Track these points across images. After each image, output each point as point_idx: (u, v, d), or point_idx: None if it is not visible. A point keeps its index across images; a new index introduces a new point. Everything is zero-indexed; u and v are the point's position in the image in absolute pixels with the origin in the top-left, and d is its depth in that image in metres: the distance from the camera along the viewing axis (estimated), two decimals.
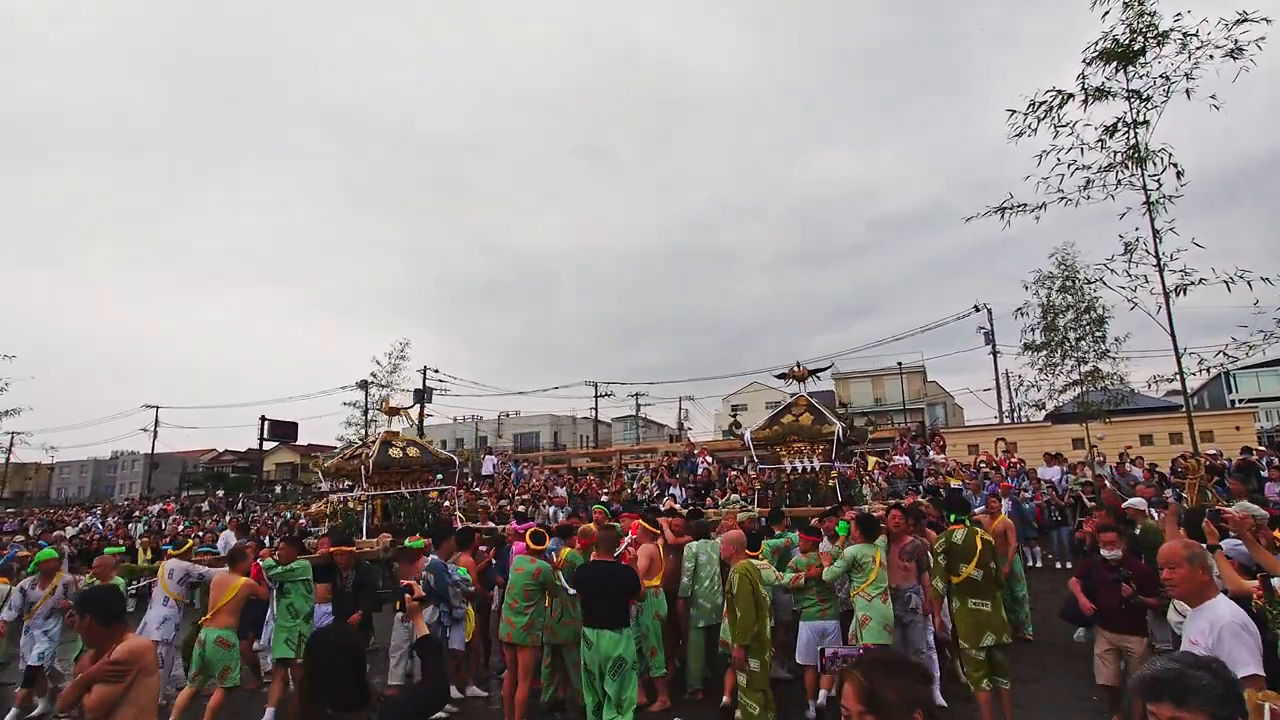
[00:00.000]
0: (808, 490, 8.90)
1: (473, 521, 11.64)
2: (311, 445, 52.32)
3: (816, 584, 6.53)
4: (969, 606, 5.83)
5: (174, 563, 7.86)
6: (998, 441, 19.84)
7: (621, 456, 32.83)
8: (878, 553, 6.30)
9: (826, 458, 8.84)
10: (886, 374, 46.67)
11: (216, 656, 6.50)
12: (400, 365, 28.89)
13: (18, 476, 48.69)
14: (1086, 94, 8.54)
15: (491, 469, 25.68)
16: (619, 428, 55.83)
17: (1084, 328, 14.12)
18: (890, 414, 44.92)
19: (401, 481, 9.41)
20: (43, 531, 22.00)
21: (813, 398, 9.83)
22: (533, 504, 19.27)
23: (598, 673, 5.56)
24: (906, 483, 16.33)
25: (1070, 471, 15.05)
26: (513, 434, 54.89)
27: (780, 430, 9.22)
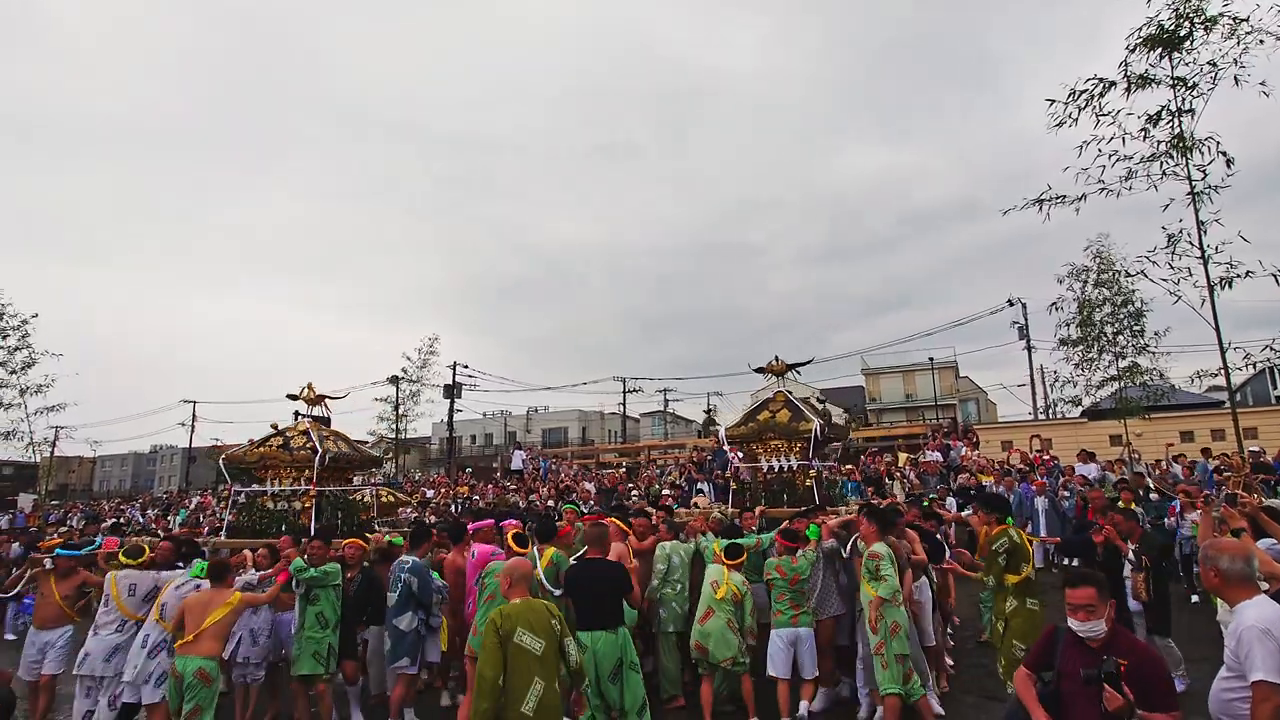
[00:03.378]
0: (784, 490, 8.58)
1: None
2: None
3: (789, 589, 6.19)
4: (1027, 606, 5.76)
5: (130, 573, 6.39)
6: (1033, 438, 19.55)
7: (650, 452, 32.88)
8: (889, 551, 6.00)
9: (804, 456, 8.54)
10: (918, 369, 46.03)
11: (192, 692, 5.32)
12: (430, 361, 29.26)
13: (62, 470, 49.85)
14: (1129, 82, 8.33)
15: (521, 464, 25.82)
16: (647, 423, 55.83)
17: (1122, 322, 13.84)
18: (921, 410, 44.34)
19: (330, 479, 8.71)
20: (85, 524, 22.57)
21: (841, 394, 9.63)
22: (561, 499, 19.36)
23: (594, 677, 5.16)
24: (938, 479, 16.16)
25: (1107, 470, 14.77)
26: (541, 429, 55.10)
27: (756, 427, 8.88)
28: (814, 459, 8.61)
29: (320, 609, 6.26)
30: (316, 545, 6.44)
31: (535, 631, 4.14)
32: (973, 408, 45.70)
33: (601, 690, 5.14)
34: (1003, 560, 5.88)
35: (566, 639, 4.31)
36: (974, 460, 17.58)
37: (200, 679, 5.36)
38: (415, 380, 29.00)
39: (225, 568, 5.96)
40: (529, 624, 4.15)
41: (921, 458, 18.08)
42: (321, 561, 6.32)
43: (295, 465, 8.44)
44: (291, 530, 7.91)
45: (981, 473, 15.94)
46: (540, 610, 4.27)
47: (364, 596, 6.78)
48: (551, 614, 4.29)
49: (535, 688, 4.03)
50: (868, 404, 48.67)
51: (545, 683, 4.08)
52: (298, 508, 8.37)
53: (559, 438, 53.11)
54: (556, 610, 4.37)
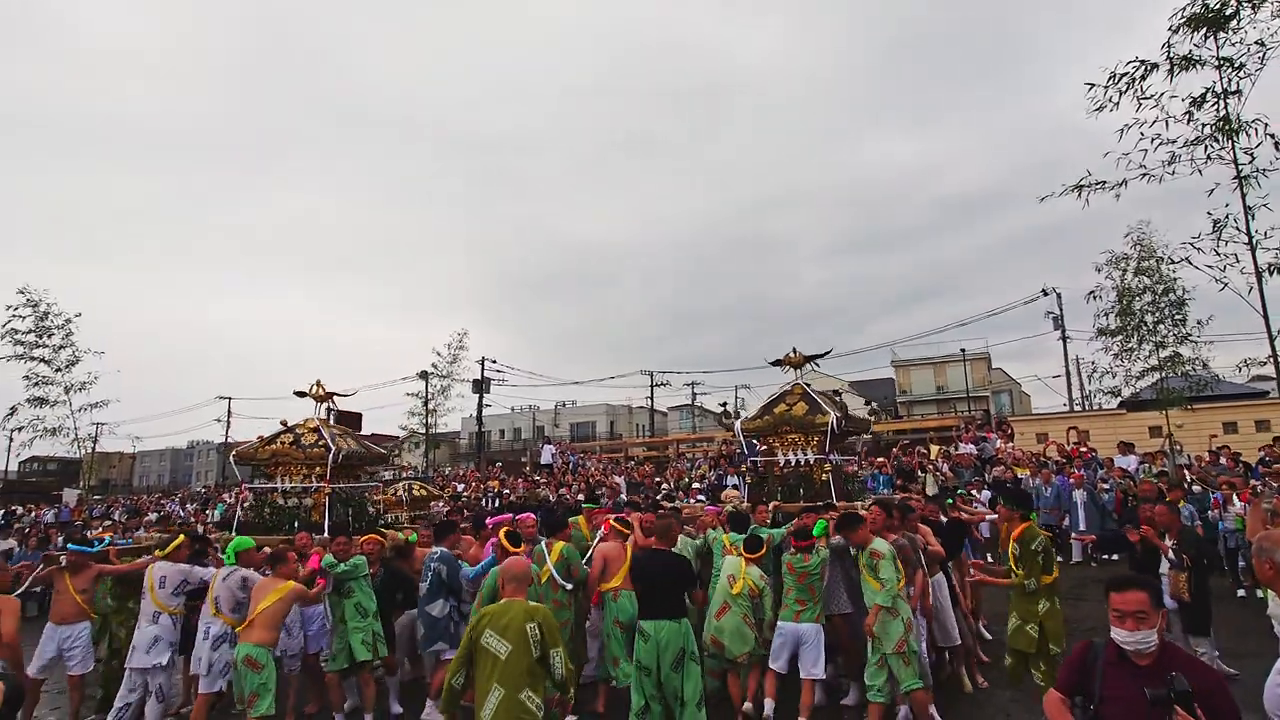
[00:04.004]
0: (800, 484, 8.44)
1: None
2: (375, 434, 53.73)
3: (796, 585, 6.08)
4: (1057, 606, 5.55)
5: (164, 566, 6.51)
6: (1069, 430, 19.18)
7: (678, 445, 32.86)
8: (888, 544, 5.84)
9: (821, 450, 8.42)
10: (949, 361, 45.43)
11: (244, 679, 5.50)
12: (460, 355, 29.50)
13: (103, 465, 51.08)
14: (1172, 63, 8.10)
15: (550, 458, 25.94)
16: (675, 417, 55.81)
17: (1163, 310, 13.51)
18: (953, 402, 43.78)
19: (340, 476, 8.79)
20: (128, 517, 23.14)
21: (871, 387, 9.50)
22: (590, 493, 19.43)
23: (655, 667, 5.13)
24: (972, 472, 15.94)
25: (1146, 461, 14.46)
26: (569, 423, 55.33)
27: (772, 420, 8.75)
28: (831, 453, 8.47)
29: (357, 600, 6.40)
30: (341, 541, 6.59)
31: (503, 634, 3.90)
32: (1006, 400, 45.02)
33: (662, 680, 5.11)
34: (1041, 559, 5.57)
35: (553, 649, 3.95)
36: (1009, 453, 17.30)
37: (248, 665, 5.48)
38: (445, 375, 29.24)
39: (282, 557, 6.02)
40: (499, 625, 3.94)
41: (955, 450, 17.83)
42: (347, 557, 6.46)
43: (306, 462, 8.51)
44: (304, 527, 8.01)
45: (1017, 465, 15.69)
46: (518, 613, 3.98)
47: (391, 587, 6.95)
48: (532, 618, 3.96)
49: (494, 694, 3.80)
50: (898, 396, 48.21)
51: (506, 691, 3.79)
52: (309, 504, 8.44)
53: (587, 432, 53.32)
54: (545, 616, 4.06)
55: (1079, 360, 28.89)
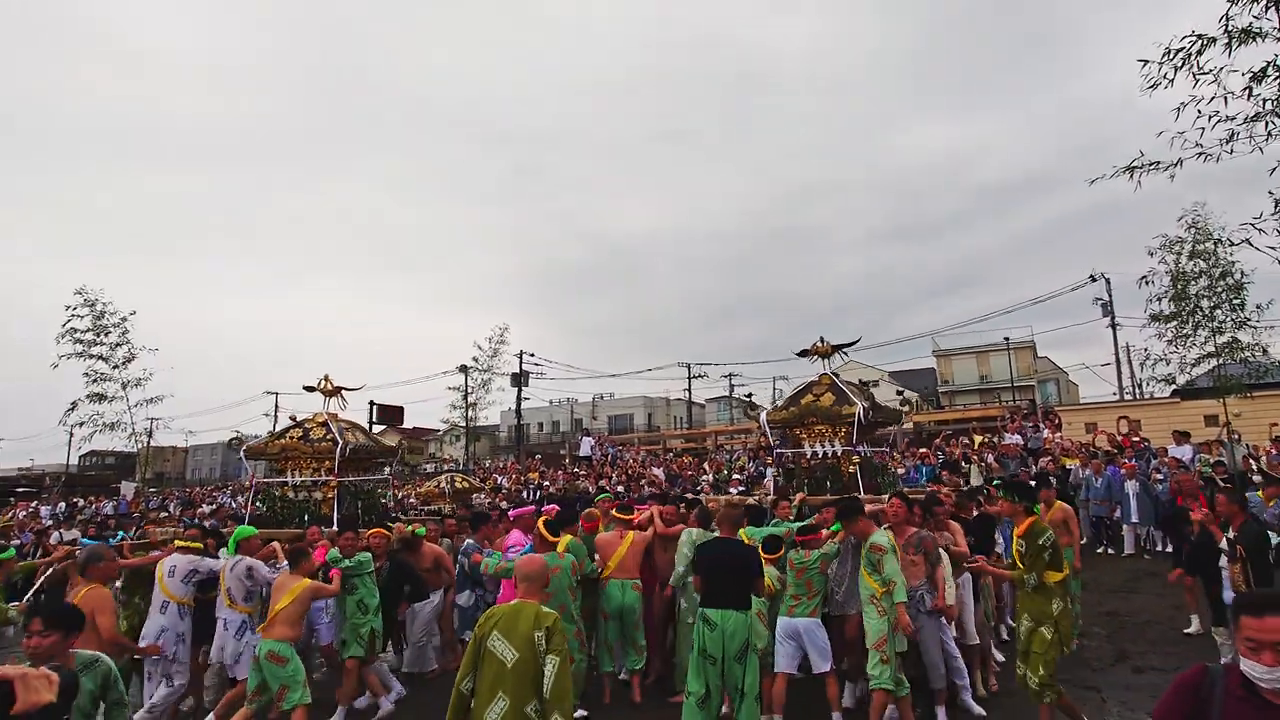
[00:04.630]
0: (828, 477, 8.25)
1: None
2: (417, 428, 54.59)
3: (794, 580, 5.88)
4: (1068, 606, 5.23)
5: (174, 556, 6.59)
6: (1120, 420, 18.70)
7: (717, 437, 32.79)
8: (890, 537, 5.62)
9: (848, 441, 8.21)
10: (993, 350, 44.50)
11: (271, 674, 5.55)
12: (500, 350, 29.79)
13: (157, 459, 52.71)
14: (1231, 37, 7.78)
15: (589, 450, 26.10)
16: (713, 409, 55.67)
17: (1220, 294, 13.02)
18: (997, 391, 42.92)
19: (352, 469, 8.84)
20: (183, 509, 23.89)
21: (912, 377, 9.28)
22: (630, 484, 19.50)
23: (720, 656, 5.05)
24: (1018, 463, 15.63)
25: (1202, 451, 14.01)
26: (607, 416, 55.54)
27: (798, 412, 8.54)
28: (859, 444, 8.28)
29: (360, 596, 6.50)
30: (349, 537, 6.65)
31: (510, 639, 3.64)
32: (1052, 388, 44.02)
33: (725, 670, 5.06)
34: (1048, 556, 5.16)
35: (550, 655, 3.61)
36: (1057, 443, 16.92)
37: (273, 661, 5.57)
38: (485, 369, 29.54)
39: (303, 554, 6.08)
40: (506, 629, 3.67)
41: (1000, 440, 17.50)
42: (354, 552, 6.54)
43: (315, 457, 8.59)
44: (314, 520, 8.11)
45: (1066, 456, 15.35)
46: (528, 616, 3.70)
47: (397, 580, 7.01)
48: (541, 624, 3.67)
49: (498, 703, 3.55)
50: (940, 386, 47.44)
51: (510, 701, 3.53)
52: (319, 498, 8.53)
53: (625, 424, 53.45)
54: (555, 622, 3.73)
55: (1129, 347, 28.09)
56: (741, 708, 5.06)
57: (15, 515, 23.23)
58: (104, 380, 20.09)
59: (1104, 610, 9.04)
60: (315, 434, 8.68)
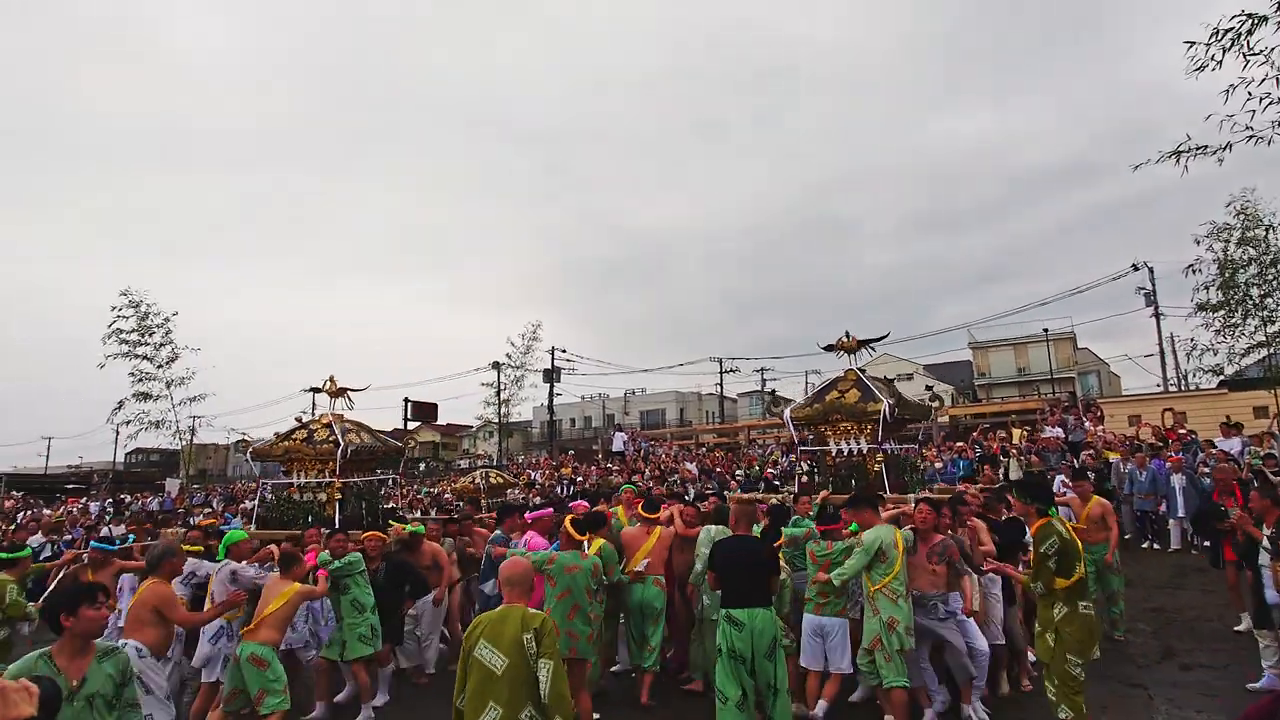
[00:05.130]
0: (853, 474, 8.11)
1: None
2: (450, 424, 55.22)
3: (815, 570, 5.77)
4: (1080, 612, 4.83)
5: None
6: (1164, 412, 18.20)
7: (750, 432, 32.68)
8: (899, 536, 5.48)
9: (874, 438, 8.07)
10: (1031, 342, 43.64)
11: (251, 678, 5.51)
12: (533, 346, 30.01)
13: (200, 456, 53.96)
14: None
15: (622, 445, 26.16)
16: (744, 403, 55.44)
17: (1271, 282, 12.65)
18: (1036, 384, 42.13)
19: (355, 470, 8.86)
20: (225, 505, 24.44)
21: (947, 370, 9.08)
22: (664, 479, 19.52)
23: (750, 655, 4.95)
24: (1059, 456, 15.33)
25: (1252, 444, 13.60)
26: (639, 411, 55.63)
27: (823, 408, 8.41)
28: (885, 441, 8.14)
29: (353, 596, 6.50)
30: (338, 539, 6.69)
31: (497, 646, 3.50)
32: (1093, 380, 43.08)
33: (755, 668, 4.99)
34: (1053, 564, 4.80)
35: (544, 661, 3.47)
36: (1099, 436, 16.56)
37: (253, 663, 5.53)
38: (519, 366, 29.78)
39: (294, 559, 6.06)
40: (493, 636, 3.53)
41: (1040, 434, 17.18)
42: (343, 553, 6.56)
43: (318, 458, 8.60)
44: (318, 521, 8.11)
45: (1108, 449, 15.01)
46: (514, 621, 3.56)
47: (396, 580, 7.02)
48: (529, 627, 3.52)
49: (489, 714, 3.40)
50: (976, 379, 46.70)
51: (503, 710, 3.39)
52: (323, 499, 8.55)
53: (657, 419, 53.50)
54: (544, 623, 3.58)
55: (1173, 338, 27.37)
56: (776, 704, 5.01)
57: (67, 511, 23.97)
58: (149, 380, 20.64)
59: (1150, 606, 8.85)
60: (319, 435, 8.72)
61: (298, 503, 8.63)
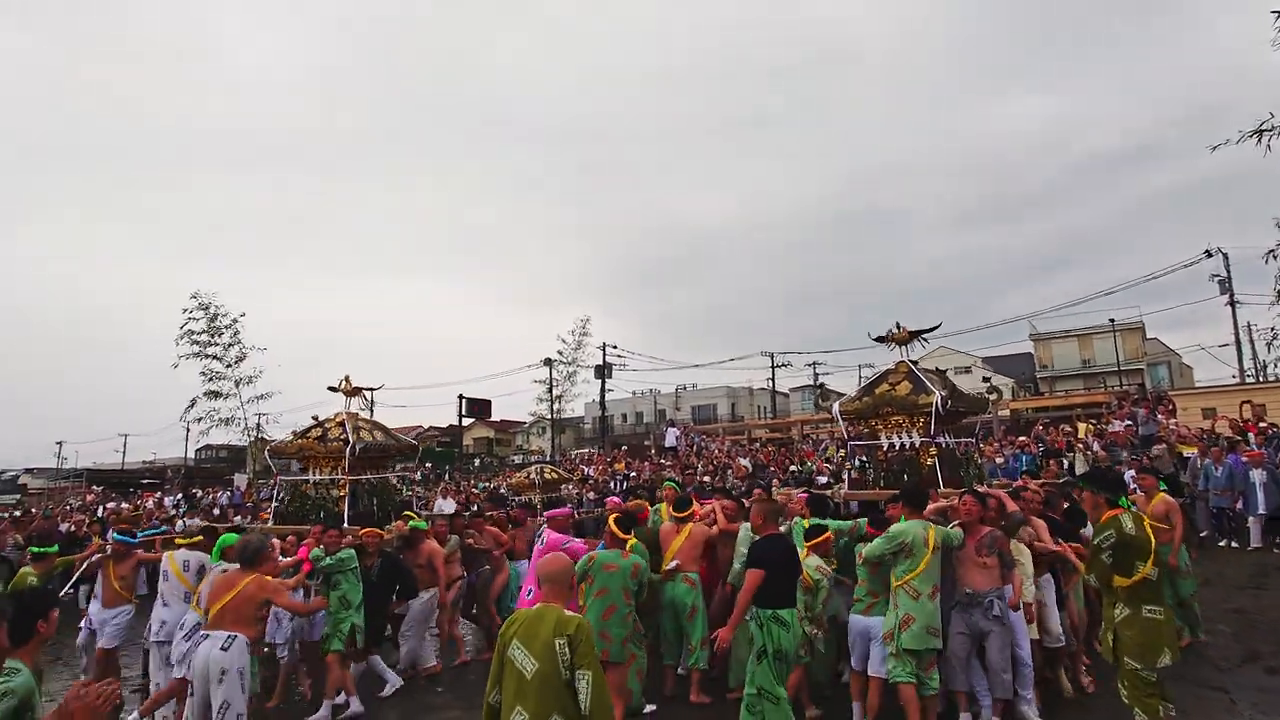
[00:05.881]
0: (905, 469, 7.86)
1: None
2: (504, 420, 56.03)
3: (869, 574, 5.62)
4: (1143, 615, 4.53)
5: (184, 552, 7.04)
6: (1243, 404, 17.39)
7: (803, 427, 32.35)
8: (932, 533, 5.29)
9: (926, 432, 7.81)
10: (1096, 333, 42.13)
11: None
12: (584, 342, 30.25)
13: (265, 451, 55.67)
14: None
15: (675, 440, 26.19)
16: (796, 398, 54.90)
17: None
18: (1102, 376, 40.69)
19: (368, 467, 9.10)
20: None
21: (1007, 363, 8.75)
22: (718, 474, 19.49)
23: (790, 656, 5.03)
24: (1128, 451, 14.80)
25: None
26: (690, 406, 55.54)
27: (873, 401, 8.19)
28: (938, 434, 7.90)
29: (343, 592, 6.59)
30: (333, 534, 6.77)
31: (529, 648, 3.31)
32: (1164, 372, 41.40)
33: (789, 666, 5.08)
34: (1107, 558, 4.54)
35: (581, 670, 3.26)
36: (1172, 430, 15.93)
37: None
38: (570, 362, 30.05)
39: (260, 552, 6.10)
40: (526, 637, 3.35)
41: (1108, 427, 16.61)
42: (337, 549, 6.64)
43: (330, 456, 8.81)
44: (330, 517, 8.27)
45: (1182, 443, 14.43)
46: (548, 623, 3.35)
47: (389, 578, 7.10)
48: (564, 632, 3.31)
49: (516, 718, 3.27)
50: (1038, 371, 45.35)
51: (530, 716, 3.24)
52: (335, 495, 8.76)
53: (708, 415, 53.32)
54: (580, 628, 3.37)
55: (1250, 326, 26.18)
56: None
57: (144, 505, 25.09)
58: (219, 379, 21.49)
59: (1230, 607, 8.50)
60: (332, 434, 8.95)
61: (311, 499, 8.87)
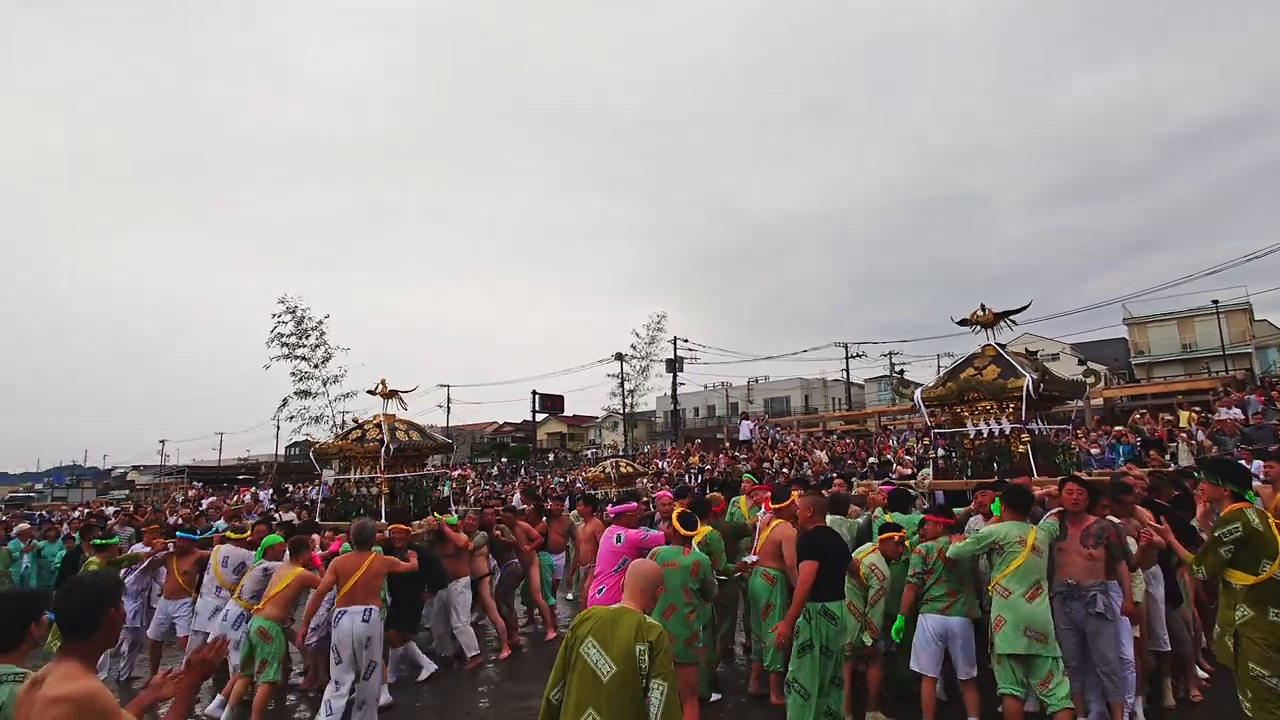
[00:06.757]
0: (994, 458, 7.51)
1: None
2: (576, 416, 56.74)
3: (945, 569, 5.36)
4: (1270, 619, 4.11)
5: (228, 548, 7.58)
6: None
7: (880, 418, 31.60)
8: (1031, 534, 4.97)
9: (1017, 418, 7.44)
10: (1198, 315, 39.64)
11: (259, 648, 6.20)
12: (658, 336, 30.26)
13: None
14: None
15: (748, 434, 25.93)
16: (872, 389, 53.63)
17: None
18: (1205, 361, 38.30)
19: (404, 465, 9.55)
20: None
21: (1099, 349, 8.23)
22: (794, 466, 19.21)
23: (837, 650, 5.02)
24: (1238, 441, 13.83)
25: None
26: (762, 399, 54.97)
27: (957, 387, 7.83)
28: (1031, 421, 7.52)
29: None
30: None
31: (607, 650, 3.15)
32: (1275, 355, 38.67)
33: (836, 662, 5.06)
34: (1226, 552, 4.17)
35: (657, 681, 3.09)
36: None
37: (259, 635, 6.22)
38: (644, 357, 30.14)
39: (302, 546, 6.76)
40: (603, 638, 3.19)
41: (1216, 416, 15.58)
42: None
43: (369, 456, 9.25)
44: (369, 513, 8.59)
45: None
46: (628, 626, 3.20)
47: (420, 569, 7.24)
48: (645, 638, 3.16)
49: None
50: (1132, 357, 43.02)
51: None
52: (374, 493, 9.17)
53: (781, 407, 52.69)
54: (660, 638, 3.20)
55: None
56: (839, 697, 5.13)
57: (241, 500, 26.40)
58: (307, 379, 22.44)
59: None
60: (371, 435, 9.40)
61: (353, 496, 9.34)
